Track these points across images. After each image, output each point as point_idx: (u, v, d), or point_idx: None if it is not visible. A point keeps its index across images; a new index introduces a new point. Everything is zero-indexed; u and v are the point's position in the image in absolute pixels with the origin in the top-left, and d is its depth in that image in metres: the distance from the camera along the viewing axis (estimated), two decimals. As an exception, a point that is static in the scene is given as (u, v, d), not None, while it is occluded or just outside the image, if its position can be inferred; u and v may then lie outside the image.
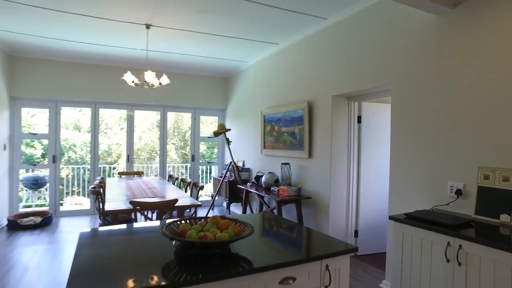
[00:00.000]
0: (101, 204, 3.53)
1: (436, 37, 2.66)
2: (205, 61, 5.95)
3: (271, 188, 4.37)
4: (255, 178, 5.08)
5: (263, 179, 4.65)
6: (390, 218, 2.35)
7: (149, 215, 4.64)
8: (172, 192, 4.14)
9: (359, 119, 3.97)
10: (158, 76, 4.25)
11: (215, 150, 7.69)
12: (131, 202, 3.00)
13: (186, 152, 9.44)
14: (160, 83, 4.22)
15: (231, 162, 5.62)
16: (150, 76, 4.04)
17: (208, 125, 7.88)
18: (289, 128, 4.56)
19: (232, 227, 1.58)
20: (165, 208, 3.14)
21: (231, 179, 5.82)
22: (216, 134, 5.54)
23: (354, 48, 3.51)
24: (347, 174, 3.94)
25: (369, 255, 3.98)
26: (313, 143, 4.13)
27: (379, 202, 4.18)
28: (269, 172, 4.68)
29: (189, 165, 7.21)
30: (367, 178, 4.00)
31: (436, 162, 2.65)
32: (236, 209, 6.38)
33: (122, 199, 3.56)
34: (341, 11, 3.59)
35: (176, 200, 3.16)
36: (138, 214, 3.16)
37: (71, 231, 5.09)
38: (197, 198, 4.08)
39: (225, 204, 6.86)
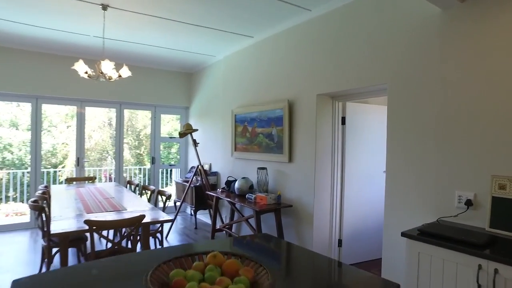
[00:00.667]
0: (45, 223, 2.86)
1: (440, 33, 2.43)
2: (167, 54, 5.35)
3: (247, 196, 3.97)
4: (225, 183, 4.63)
5: (236, 185, 4.23)
6: (403, 234, 2.07)
7: (108, 235, 3.96)
8: (134, 203, 3.55)
9: (343, 120, 3.71)
10: (117, 68, 3.63)
11: (172, 151, 7.07)
12: (86, 222, 2.41)
13: (141, 152, 8.67)
14: (119, 75, 3.60)
15: (198, 166, 5.10)
16: (107, 67, 3.40)
17: (165, 123, 7.23)
18: (266, 129, 4.19)
19: (244, 270, 1.15)
20: (130, 226, 2.59)
21: (198, 184, 5.30)
22: (181, 135, 5.00)
23: (343, 43, 3.22)
24: (331, 179, 3.66)
25: (352, 265, 3.75)
26: (294, 146, 3.79)
27: (364, 208, 3.97)
28: (243, 178, 4.27)
29: (144, 167, 6.52)
30: (351, 183, 3.76)
31: (441, 170, 2.43)
32: (203, 217, 5.86)
33: (73, 215, 2.92)
34: (328, 2, 3.27)
35: (143, 217, 2.62)
36: (95, 234, 2.57)
37: (4, 253, 4.22)
38: (163, 209, 3.54)
39: (189, 210, 6.31)
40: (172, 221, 3.35)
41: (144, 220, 2.67)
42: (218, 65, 5.53)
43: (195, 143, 5.13)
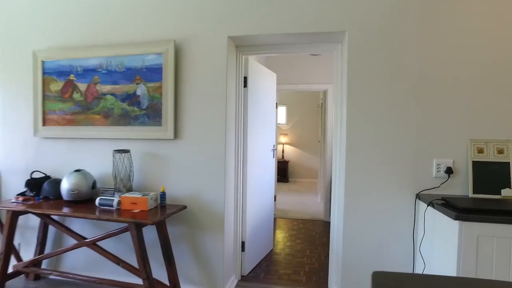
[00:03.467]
0: None
1: (415, -23, 2.08)
2: None
3: (98, 202, 2.23)
4: (27, 184, 2.52)
5: (67, 185, 2.35)
6: (458, 217, 1.53)
7: None
8: None
9: (245, 82, 2.78)
10: None
11: None
12: None
13: None
14: None
15: None
16: None
17: None
18: (121, 86, 2.53)
19: None
20: None
21: None
22: None
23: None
24: (235, 162, 2.66)
25: (255, 269, 2.94)
26: (183, 114, 2.46)
27: (265, 196, 3.23)
28: (76, 171, 2.43)
29: None
30: (252, 166, 2.91)
31: (414, 137, 2.11)
32: None
33: None
34: None
35: None
36: None
37: None
38: None
39: None
40: None
41: None
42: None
43: None
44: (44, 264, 2.77)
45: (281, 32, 2.28)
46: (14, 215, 2.37)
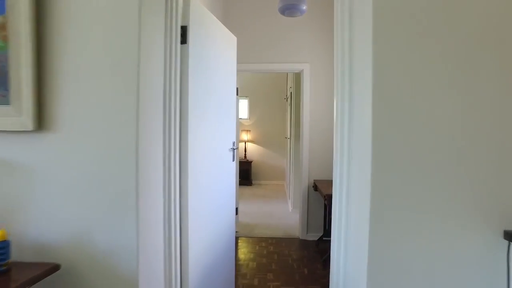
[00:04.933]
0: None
1: None
2: None
3: None
4: None
5: None
6: None
7: None
8: None
9: (184, 34, 1.63)
10: None
11: None
12: None
13: None
14: None
15: None
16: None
17: None
18: None
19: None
20: None
21: None
22: None
23: None
24: (164, 172, 1.50)
25: None
26: (53, 85, 1.26)
27: (222, 215, 2.12)
28: None
29: None
30: (200, 174, 1.77)
31: (504, 128, 1.11)
32: None
33: None
34: None
35: None
36: None
37: None
38: None
39: None
40: None
41: None
42: None
43: None
44: None
45: None
46: None
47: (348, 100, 1.33)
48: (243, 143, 7.25)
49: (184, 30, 1.62)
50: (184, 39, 1.63)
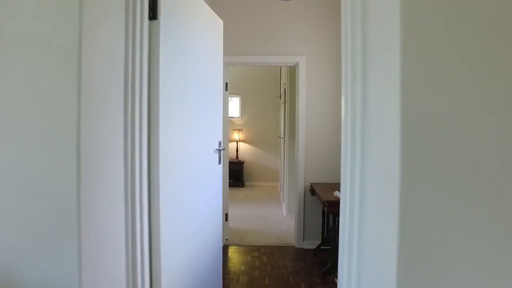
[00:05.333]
0: None
1: None
2: None
3: None
4: None
5: None
6: None
7: None
8: None
9: (154, 9, 1.31)
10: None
11: None
12: None
13: None
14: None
15: None
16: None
17: None
18: None
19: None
20: None
21: None
22: None
23: None
24: (126, 183, 1.17)
25: None
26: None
27: (205, 231, 1.79)
28: None
29: None
30: (174, 184, 1.44)
31: None
32: None
33: None
34: None
35: None
36: None
37: None
38: None
39: None
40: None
41: None
42: None
43: None
44: None
45: None
46: None
47: (361, 97, 1.01)
48: (235, 143, 6.92)
49: (154, 2, 1.30)
50: (154, 14, 1.30)
